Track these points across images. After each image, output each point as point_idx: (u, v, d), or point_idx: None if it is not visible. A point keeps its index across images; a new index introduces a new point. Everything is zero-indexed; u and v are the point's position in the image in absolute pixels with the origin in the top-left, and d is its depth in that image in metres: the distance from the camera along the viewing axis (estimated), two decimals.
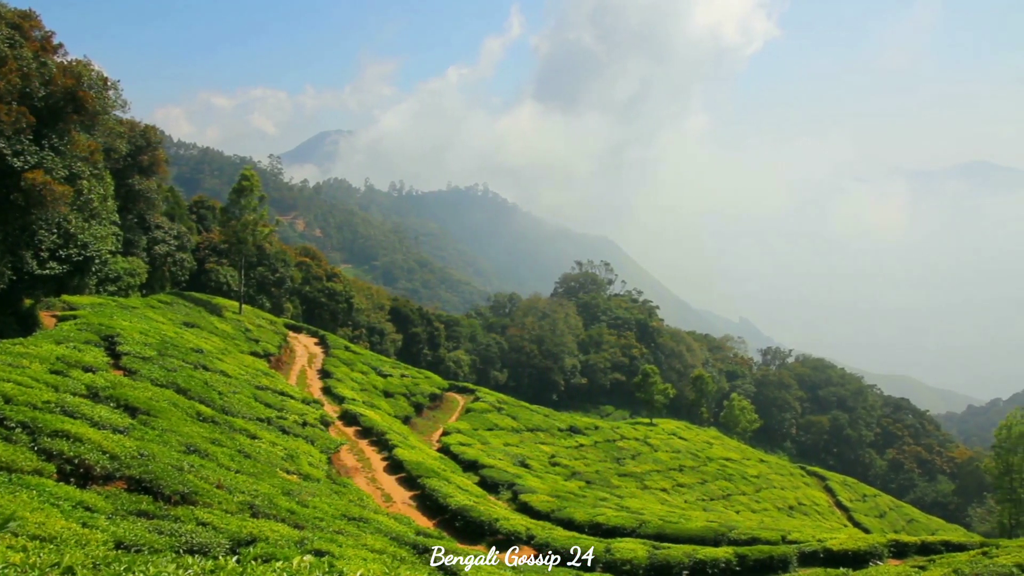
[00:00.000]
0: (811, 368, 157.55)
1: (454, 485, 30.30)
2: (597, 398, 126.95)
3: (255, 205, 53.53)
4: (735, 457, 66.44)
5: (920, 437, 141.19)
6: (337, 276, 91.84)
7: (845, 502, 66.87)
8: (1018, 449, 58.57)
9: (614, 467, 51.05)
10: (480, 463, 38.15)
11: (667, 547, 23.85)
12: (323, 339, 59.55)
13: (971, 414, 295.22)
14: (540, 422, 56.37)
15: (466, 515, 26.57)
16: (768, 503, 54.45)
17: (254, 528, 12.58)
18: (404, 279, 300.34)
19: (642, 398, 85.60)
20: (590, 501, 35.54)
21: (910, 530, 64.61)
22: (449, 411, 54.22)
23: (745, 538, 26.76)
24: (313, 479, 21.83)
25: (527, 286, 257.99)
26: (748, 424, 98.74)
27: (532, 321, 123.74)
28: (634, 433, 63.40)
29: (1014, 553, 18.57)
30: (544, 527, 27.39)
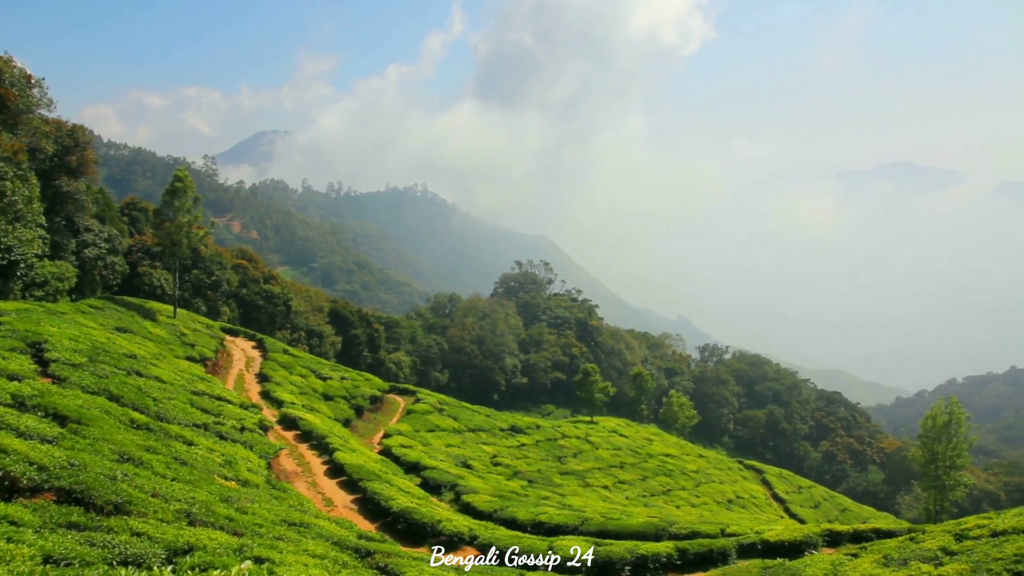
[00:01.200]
0: (747, 364, 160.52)
1: (396, 487, 30.08)
2: (538, 397, 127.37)
3: (189, 207, 52.33)
4: (675, 453, 67.36)
5: (852, 429, 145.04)
6: (275, 278, 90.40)
7: (781, 494, 68.29)
8: (942, 438, 60.50)
9: (556, 466, 51.27)
10: (422, 465, 37.95)
11: (609, 543, 24.03)
12: (261, 343, 58.56)
13: (899, 405, 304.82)
14: (482, 422, 56.33)
15: (409, 517, 26.39)
16: (707, 497, 55.31)
17: (191, 537, 12.28)
18: (343, 281, 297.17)
19: (583, 396, 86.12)
20: (532, 500, 35.64)
21: (843, 519, 66.34)
22: (390, 413, 53.83)
23: (685, 532, 27.16)
24: (252, 485, 21.43)
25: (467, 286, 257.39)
26: (687, 420, 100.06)
27: (472, 321, 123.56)
28: (575, 431, 63.78)
29: (939, 537, 19.21)
30: (487, 527, 27.37)
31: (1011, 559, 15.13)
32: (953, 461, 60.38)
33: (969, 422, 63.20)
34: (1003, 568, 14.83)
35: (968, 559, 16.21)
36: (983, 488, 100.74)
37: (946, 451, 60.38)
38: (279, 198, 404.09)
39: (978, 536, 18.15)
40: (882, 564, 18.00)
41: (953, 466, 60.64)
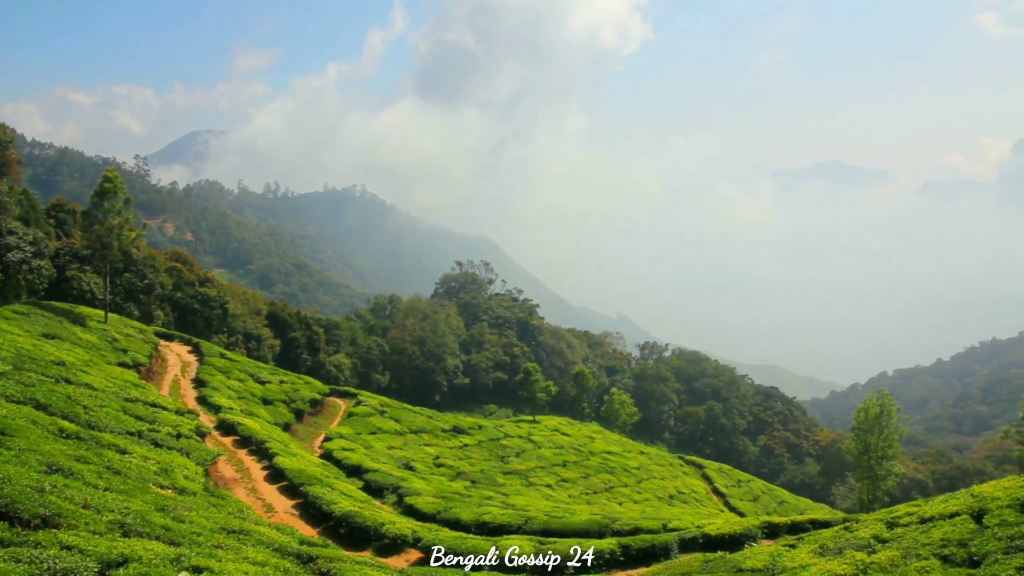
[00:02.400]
0: (687, 361, 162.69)
1: (338, 491, 29.76)
2: (480, 397, 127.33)
3: (120, 208, 50.95)
4: (617, 450, 67.98)
5: (789, 423, 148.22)
6: (211, 281, 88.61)
7: (721, 488, 69.49)
8: (874, 430, 62.16)
9: (499, 465, 51.32)
10: (364, 468, 37.61)
11: (553, 542, 24.14)
12: (197, 347, 57.35)
13: (833, 399, 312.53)
14: (424, 424, 56.09)
15: (351, 521, 26.14)
16: (649, 493, 55.97)
17: (125, 548, 11.94)
18: (281, 283, 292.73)
19: (525, 396, 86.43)
20: (476, 500, 35.60)
21: (781, 511, 67.81)
22: (331, 416, 53.24)
23: (628, 528, 27.41)
24: (189, 493, 20.96)
25: (407, 287, 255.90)
26: (628, 417, 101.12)
27: (413, 322, 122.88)
28: (518, 431, 63.93)
29: (871, 526, 19.75)
30: (430, 528, 27.25)
31: (938, 544, 15.63)
32: (885, 452, 62.10)
33: (899, 414, 65.08)
34: (931, 553, 15.33)
35: (899, 545, 16.70)
36: (912, 477, 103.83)
37: (878, 442, 62.05)
38: (214, 199, 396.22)
39: (908, 523, 18.70)
40: (818, 553, 18.43)
41: (885, 456, 62.36)
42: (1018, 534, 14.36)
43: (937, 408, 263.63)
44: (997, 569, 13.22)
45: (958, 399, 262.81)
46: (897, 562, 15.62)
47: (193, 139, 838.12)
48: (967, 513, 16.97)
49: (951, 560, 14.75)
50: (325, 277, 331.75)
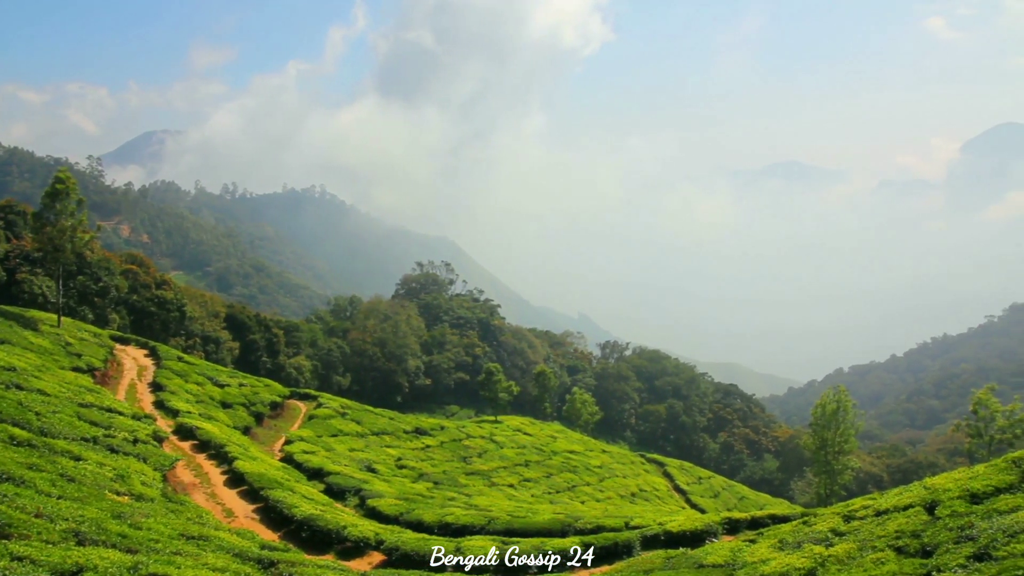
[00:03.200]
0: (647, 360, 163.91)
1: (299, 495, 29.50)
2: (442, 398, 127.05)
3: (73, 210, 49.92)
4: (578, 449, 68.26)
5: (748, 419, 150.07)
6: (167, 284, 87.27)
7: (683, 485, 70.12)
8: (831, 425, 63.17)
9: (461, 466, 51.26)
10: (325, 470, 37.33)
11: (516, 541, 24.18)
12: (154, 350, 56.41)
13: (791, 395, 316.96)
14: (385, 425, 55.82)
15: (313, 524, 25.92)
16: (611, 492, 56.29)
17: (80, 557, 11.71)
18: (240, 285, 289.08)
19: (487, 396, 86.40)
20: (439, 501, 35.53)
21: (741, 507, 68.62)
22: (291, 419, 52.75)
23: (591, 527, 27.55)
24: (147, 499, 20.63)
25: (368, 288, 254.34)
26: (590, 417, 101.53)
27: (374, 324, 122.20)
28: (480, 431, 63.91)
29: (829, 520, 20.09)
30: (393, 531, 27.14)
31: (893, 536, 15.95)
32: (841, 447, 63.14)
33: (855, 409, 66.20)
34: (885, 544, 15.64)
35: (855, 538, 17.02)
36: (868, 471, 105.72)
37: (835, 437, 63.06)
38: (171, 200, 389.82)
39: (864, 516, 19.05)
40: (778, 548, 18.70)
41: (841, 451, 63.40)
42: (968, 524, 14.71)
43: (891, 403, 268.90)
44: (948, 559, 13.54)
45: (911, 394, 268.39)
46: (854, 554, 15.92)
47: (149, 139, 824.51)
48: (920, 505, 17.34)
49: (905, 551, 15.07)
50: (284, 279, 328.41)
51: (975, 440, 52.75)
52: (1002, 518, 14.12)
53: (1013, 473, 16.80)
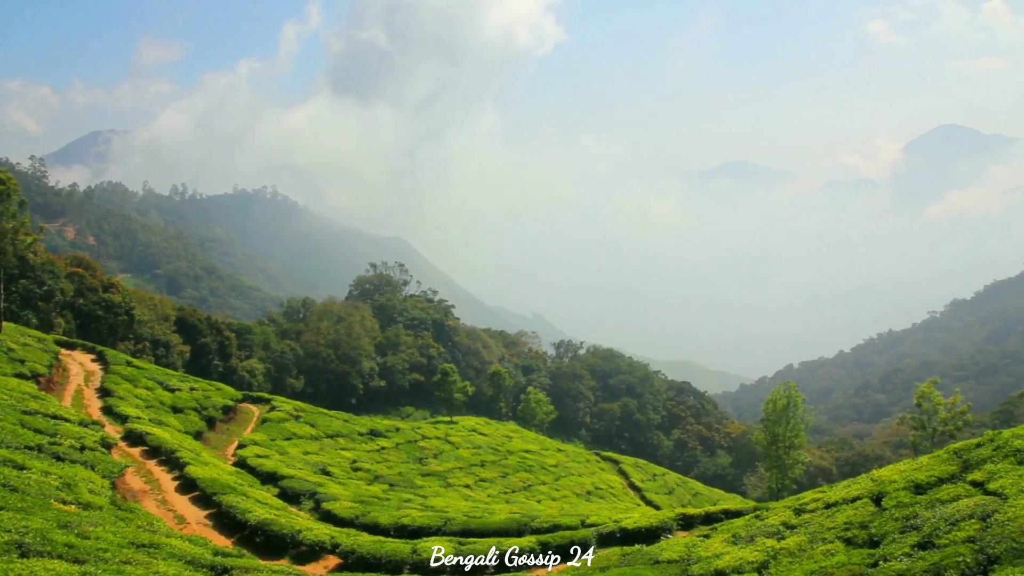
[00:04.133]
0: (601, 358, 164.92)
1: (253, 499, 29.14)
2: (397, 399, 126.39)
3: (14, 212, 48.59)
4: (534, 448, 68.44)
5: (701, 416, 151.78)
6: (115, 287, 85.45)
7: (637, 483, 70.69)
8: (782, 420, 64.25)
9: (417, 467, 51.08)
10: (279, 474, 36.93)
11: (473, 542, 24.19)
12: (101, 355, 55.18)
13: (743, 392, 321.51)
14: (340, 428, 55.39)
15: (267, 529, 25.63)
16: (567, 490, 56.56)
17: (23, 570, 11.43)
18: (190, 287, 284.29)
19: (442, 397, 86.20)
20: (394, 503, 35.37)
21: (695, 503, 69.43)
22: (244, 423, 52.06)
23: (547, 526, 27.65)
24: (95, 507, 20.19)
25: (321, 290, 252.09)
26: (545, 416, 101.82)
27: (327, 325, 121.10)
28: (435, 432, 63.75)
29: (780, 513, 20.47)
30: (349, 534, 26.95)
31: (841, 527, 16.32)
32: (792, 441, 64.25)
33: (805, 404, 67.43)
34: (835, 536, 15.99)
35: (806, 530, 17.36)
36: (818, 465, 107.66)
37: (786, 432, 64.15)
38: (118, 202, 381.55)
39: (814, 509, 19.44)
40: (731, 542, 18.99)
41: (792, 446, 64.52)
42: (912, 514, 15.12)
43: (840, 398, 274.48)
44: (894, 548, 13.89)
45: (859, 389, 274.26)
46: (804, 546, 16.24)
47: (94, 139, 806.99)
48: (868, 497, 17.75)
49: (853, 542, 15.42)
50: (236, 281, 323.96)
51: (919, 432, 54.11)
52: (944, 507, 14.54)
53: (954, 464, 17.28)
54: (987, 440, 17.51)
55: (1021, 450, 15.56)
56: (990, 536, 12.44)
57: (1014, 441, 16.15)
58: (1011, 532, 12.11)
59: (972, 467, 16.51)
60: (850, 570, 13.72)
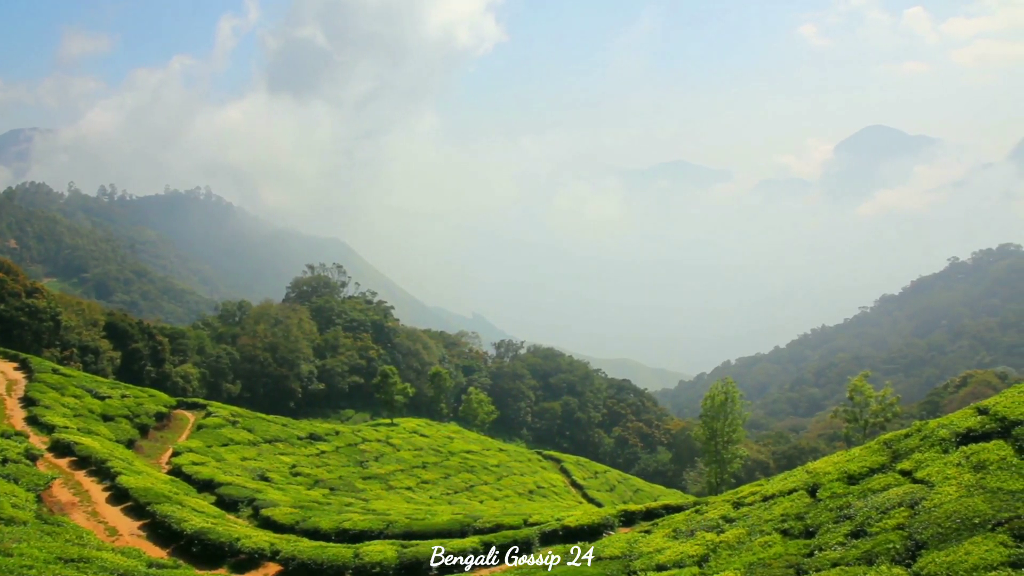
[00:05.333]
0: (542, 357, 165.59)
1: (188, 508, 28.48)
2: (337, 402, 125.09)
3: None
4: (476, 449, 68.38)
5: (641, 413, 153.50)
6: (39, 292, 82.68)
7: (579, 481, 71.08)
8: (720, 416, 65.44)
9: (358, 471, 50.60)
10: (216, 481, 36.19)
11: (416, 544, 24.04)
12: (25, 363, 53.30)
13: (682, 388, 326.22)
14: (278, 432, 54.55)
15: (203, 538, 25.05)
16: (509, 490, 56.62)
17: None
18: (120, 291, 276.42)
19: (382, 399, 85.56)
20: (335, 508, 34.96)
21: (636, 499, 70.14)
22: (179, 430, 50.88)
23: (490, 526, 27.64)
24: (19, 522, 19.47)
25: (257, 292, 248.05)
26: (486, 416, 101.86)
27: (264, 328, 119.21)
28: (376, 435, 63.25)
29: (719, 507, 20.79)
30: (289, 540, 26.53)
31: (778, 519, 16.64)
32: (730, 436, 65.46)
33: (743, 400, 68.84)
34: (772, 528, 16.30)
35: (744, 523, 17.66)
36: (755, 458, 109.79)
37: (724, 427, 65.33)
38: (41, 203, 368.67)
39: (752, 502, 19.79)
40: (672, 537, 19.22)
41: (731, 441, 65.73)
42: (846, 504, 15.50)
43: (776, 392, 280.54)
44: (829, 538, 14.23)
45: (794, 383, 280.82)
46: (743, 539, 16.51)
47: (15, 137, 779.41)
48: (803, 489, 18.14)
49: (790, 533, 15.74)
50: (169, 284, 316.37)
51: (852, 424, 55.65)
52: (875, 496, 14.93)
53: (885, 454, 17.77)
54: (915, 430, 18.04)
55: (946, 439, 16.06)
56: (918, 523, 12.82)
57: (939, 431, 16.66)
58: (937, 518, 12.51)
59: (901, 457, 16.98)
60: (787, 561, 13.99)
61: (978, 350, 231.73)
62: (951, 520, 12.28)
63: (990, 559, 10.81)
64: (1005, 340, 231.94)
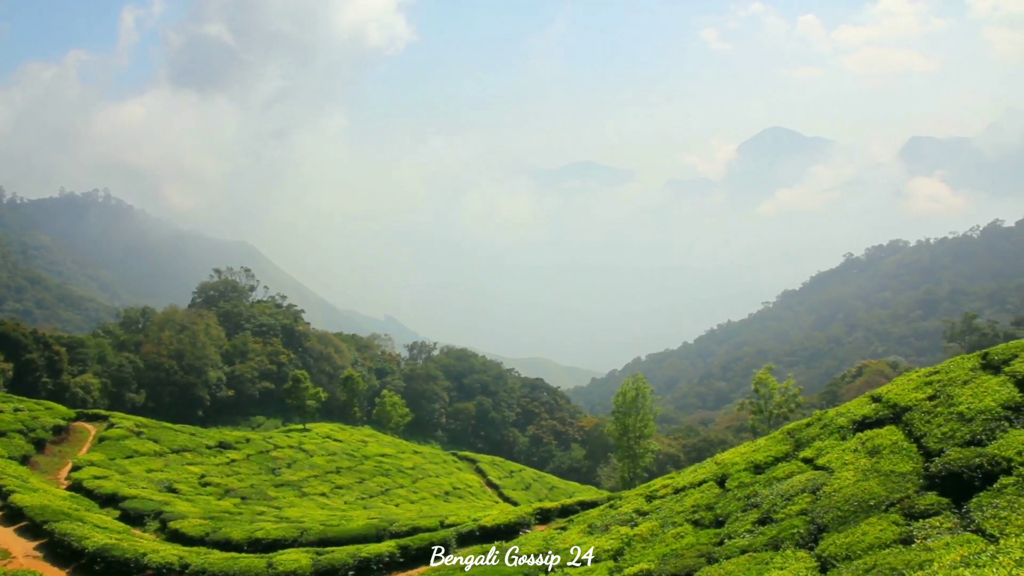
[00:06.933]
0: (455, 358, 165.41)
1: (90, 524, 27.40)
2: (247, 409, 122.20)
3: None
4: (391, 452, 67.89)
5: (554, 411, 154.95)
6: None
7: (495, 480, 71.31)
8: (632, 412, 66.62)
9: (270, 478, 49.61)
10: (120, 495, 34.92)
11: (331, 551, 23.74)
12: None
13: (594, 385, 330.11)
14: (186, 442, 52.98)
15: (107, 555, 24.13)
16: (425, 492, 56.40)
17: None
18: (12, 299, 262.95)
19: (294, 404, 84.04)
20: (247, 517, 34.21)
21: (552, 497, 70.73)
22: (79, 443, 48.86)
23: (406, 529, 27.52)
24: None
25: (162, 298, 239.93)
26: (401, 418, 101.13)
27: (170, 335, 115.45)
28: (288, 441, 62.16)
29: (633, 501, 21.23)
30: (199, 553, 25.81)
31: (690, 510, 17.10)
32: (642, 431, 66.70)
33: (653, 395, 70.22)
34: (684, 519, 16.74)
35: (657, 516, 18.08)
36: (667, 452, 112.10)
37: (636, 423, 66.52)
38: None
39: (664, 495, 20.27)
40: (587, 532, 19.51)
41: (642, 436, 66.97)
42: (753, 493, 16.05)
43: (685, 387, 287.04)
44: (737, 526, 14.71)
45: (702, 378, 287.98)
46: (656, 531, 16.90)
47: None
48: (713, 480, 18.68)
49: (701, 523, 16.19)
50: (66, 291, 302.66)
51: (757, 416, 57.36)
52: (780, 484, 15.52)
53: (788, 443, 18.46)
54: (815, 419, 18.81)
55: (844, 426, 16.81)
56: (819, 507, 13.40)
57: (838, 419, 17.42)
58: (836, 502, 13.10)
59: (803, 445, 17.68)
60: (698, 550, 14.39)
61: (872, 341, 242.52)
62: (849, 503, 12.88)
63: (884, 538, 11.42)
64: (896, 331, 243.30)
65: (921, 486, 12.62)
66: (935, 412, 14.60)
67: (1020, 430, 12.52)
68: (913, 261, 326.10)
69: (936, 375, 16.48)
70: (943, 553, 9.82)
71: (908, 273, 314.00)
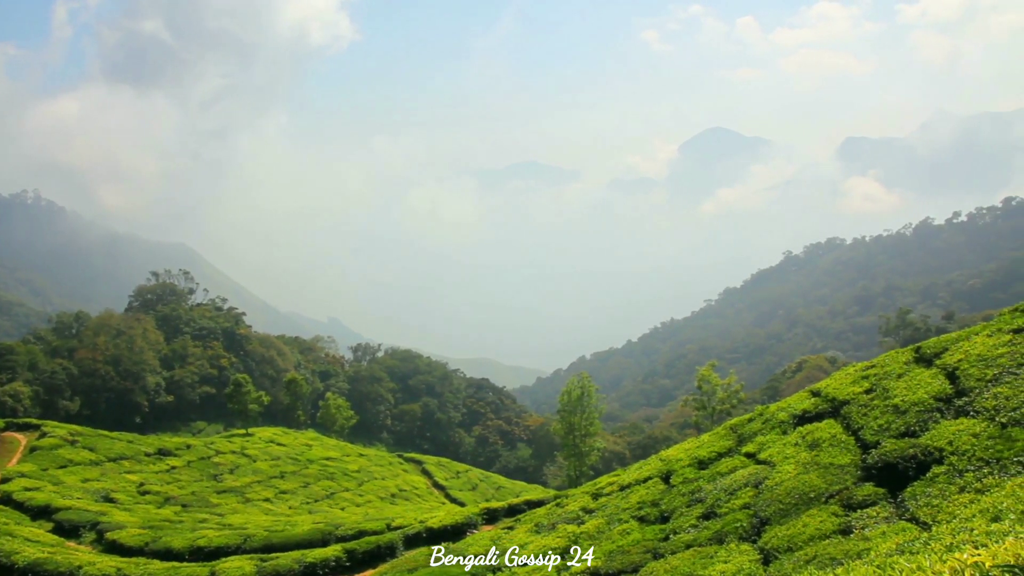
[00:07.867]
0: (400, 360, 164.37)
1: (20, 538, 26.54)
2: (187, 415, 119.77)
3: None
4: (335, 455, 67.21)
5: (500, 411, 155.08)
6: None
7: (441, 481, 71.07)
8: (577, 410, 67.08)
9: (212, 485, 48.67)
10: (54, 507, 33.90)
11: (275, 557, 23.40)
12: None
13: (540, 385, 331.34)
14: (124, 449, 51.66)
15: (39, 570, 23.41)
16: (371, 495, 55.95)
17: None
18: None
19: (235, 409, 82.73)
20: (189, 525, 33.50)
21: (499, 496, 70.78)
22: (8, 454, 47.28)
23: (352, 533, 27.26)
24: None
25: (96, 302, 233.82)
26: (345, 421, 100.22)
27: (105, 340, 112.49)
28: (230, 446, 61.07)
29: (579, 499, 21.35)
30: (139, 563, 25.19)
31: (635, 507, 17.24)
32: (587, 429, 67.18)
33: (598, 393, 70.79)
34: (630, 516, 16.88)
35: (604, 513, 18.19)
36: (612, 450, 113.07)
37: (581, 421, 66.99)
38: None
39: (610, 492, 20.41)
40: (535, 531, 19.55)
41: (588, 434, 67.46)
42: (697, 488, 16.26)
43: (630, 385, 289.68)
44: (682, 521, 14.89)
45: (646, 375, 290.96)
46: (603, 528, 17.00)
47: None
48: (658, 476, 18.87)
49: (646, 519, 16.34)
50: None
51: (701, 412, 58.22)
52: (724, 479, 15.75)
53: (731, 439, 18.74)
54: (757, 415, 19.14)
55: (785, 421, 17.13)
56: (762, 501, 13.64)
57: (779, 414, 17.75)
58: (778, 496, 13.35)
59: (746, 440, 17.96)
60: (644, 546, 14.51)
61: (811, 336, 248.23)
62: (790, 496, 13.14)
63: (824, 529, 11.69)
64: (834, 327, 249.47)
65: (859, 477, 12.94)
66: (871, 405, 14.97)
67: (951, 421, 12.90)
68: (850, 258, 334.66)
69: (872, 369, 16.92)
70: (880, 542, 10.07)
71: (845, 270, 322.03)
